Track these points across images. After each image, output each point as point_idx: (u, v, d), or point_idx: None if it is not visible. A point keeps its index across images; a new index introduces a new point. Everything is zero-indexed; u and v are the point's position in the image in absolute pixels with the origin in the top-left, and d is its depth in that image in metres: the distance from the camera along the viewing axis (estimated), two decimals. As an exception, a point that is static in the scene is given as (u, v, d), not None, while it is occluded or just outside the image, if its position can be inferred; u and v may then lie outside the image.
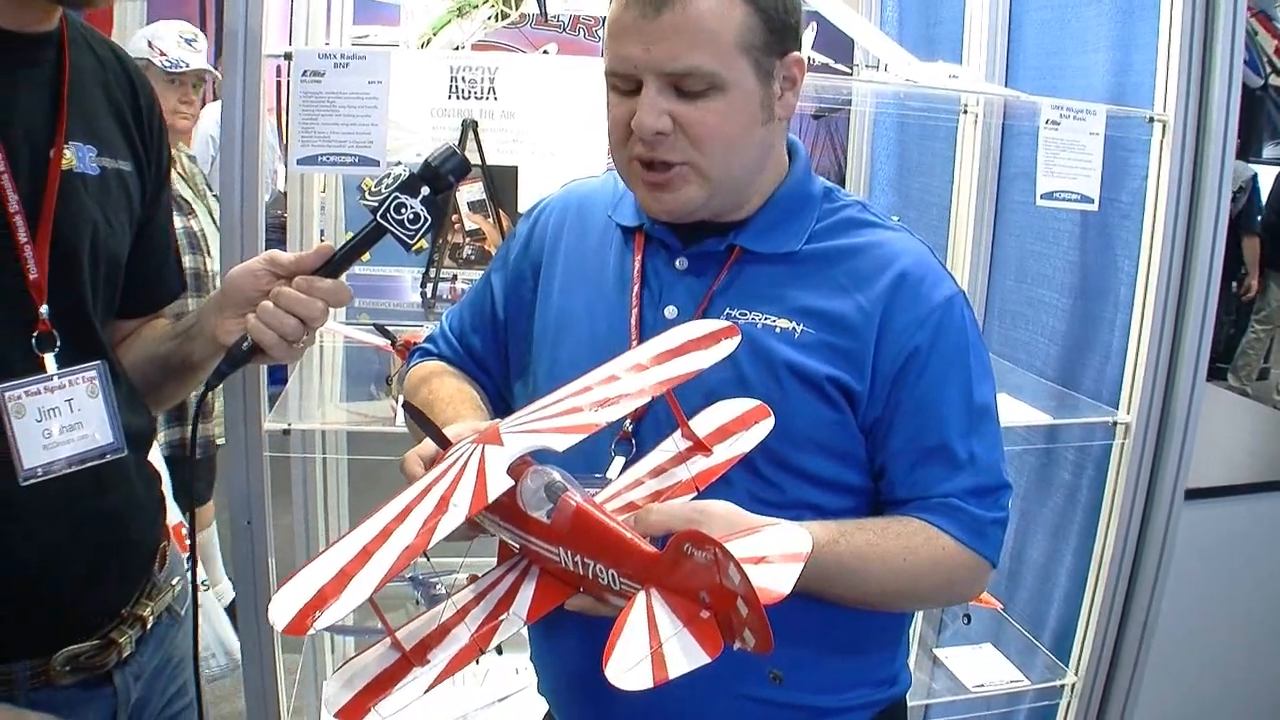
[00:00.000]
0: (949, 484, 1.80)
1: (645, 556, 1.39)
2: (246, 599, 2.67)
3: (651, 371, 1.62)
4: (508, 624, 1.48)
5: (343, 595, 1.27)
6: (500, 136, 2.99)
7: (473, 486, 1.41)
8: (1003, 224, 3.75)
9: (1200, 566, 3.51)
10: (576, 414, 1.55)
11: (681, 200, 1.76)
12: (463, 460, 1.47)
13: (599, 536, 1.43)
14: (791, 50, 1.76)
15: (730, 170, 1.76)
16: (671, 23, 1.64)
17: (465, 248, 3.14)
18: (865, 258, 1.81)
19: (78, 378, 1.79)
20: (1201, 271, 2.98)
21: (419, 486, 1.43)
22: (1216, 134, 2.92)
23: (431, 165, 1.79)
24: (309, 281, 1.82)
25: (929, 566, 1.77)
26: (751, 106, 1.73)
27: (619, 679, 1.27)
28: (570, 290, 1.94)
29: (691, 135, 1.70)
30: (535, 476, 1.49)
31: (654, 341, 1.69)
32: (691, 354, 1.66)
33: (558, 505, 1.46)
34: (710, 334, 1.70)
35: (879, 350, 1.76)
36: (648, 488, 1.65)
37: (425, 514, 1.37)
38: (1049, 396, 3.37)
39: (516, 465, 1.48)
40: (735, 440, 1.68)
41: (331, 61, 2.43)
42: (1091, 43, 3.34)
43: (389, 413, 2.83)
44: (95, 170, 1.83)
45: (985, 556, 1.82)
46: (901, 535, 1.75)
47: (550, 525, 1.46)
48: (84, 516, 1.80)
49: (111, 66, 1.93)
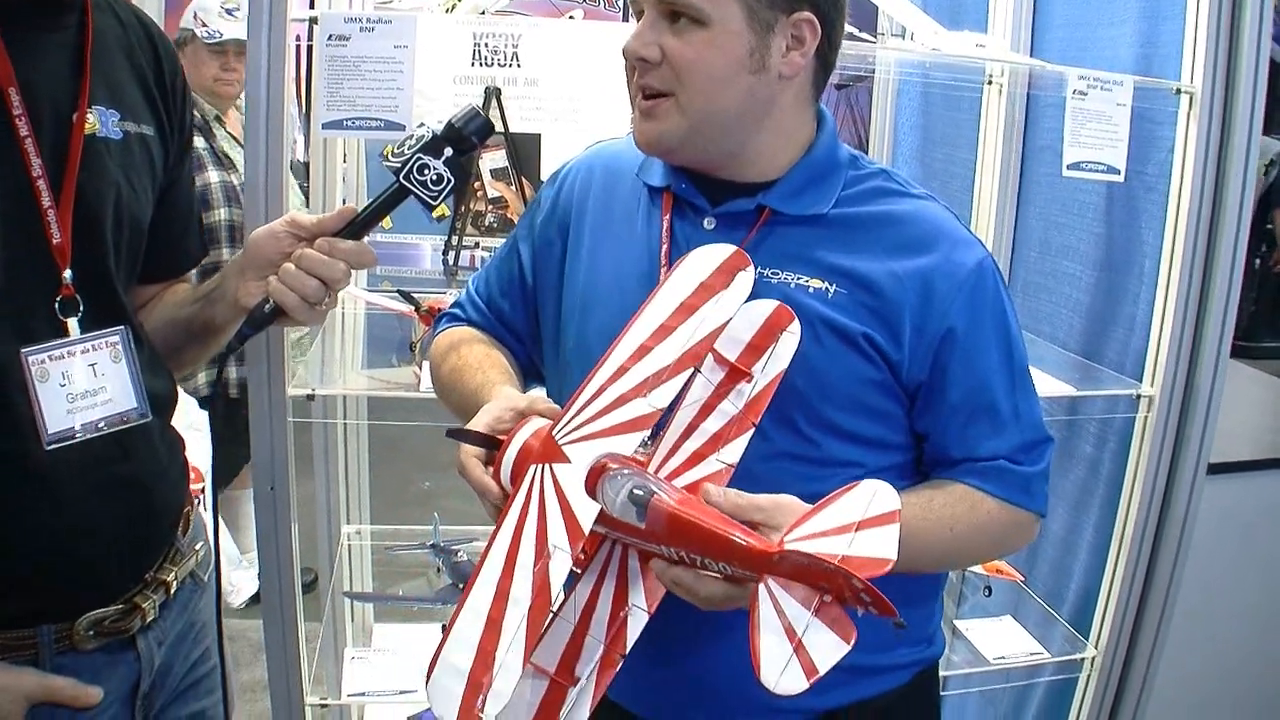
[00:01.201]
0: (998, 442, 1.85)
1: (755, 554, 1.39)
2: (270, 564, 2.67)
3: (681, 332, 1.61)
4: (634, 619, 1.51)
5: (497, 679, 1.33)
6: (523, 104, 2.98)
7: (563, 521, 1.42)
8: (1026, 196, 3.73)
9: (1221, 541, 3.51)
10: (627, 404, 1.55)
11: (659, 130, 1.78)
12: (538, 487, 1.47)
13: (700, 538, 1.43)
14: (802, 9, 1.76)
15: (709, 107, 1.76)
16: None
17: (488, 215, 3.14)
18: (894, 225, 1.82)
19: (101, 342, 1.79)
20: (1227, 245, 2.96)
21: (508, 529, 1.44)
22: (1244, 107, 2.90)
23: (455, 126, 1.79)
24: (331, 243, 1.83)
25: (973, 531, 1.82)
26: (736, 49, 1.73)
27: (777, 686, 1.31)
28: (598, 254, 1.94)
29: (673, 65, 1.72)
30: (613, 484, 1.48)
31: (663, 292, 1.68)
32: (713, 298, 1.65)
33: (648, 512, 1.45)
34: (720, 268, 1.69)
35: (919, 318, 1.77)
36: (704, 432, 1.64)
37: (530, 564, 1.39)
38: (1072, 368, 3.36)
39: (590, 474, 1.48)
40: (769, 357, 1.68)
41: (358, 25, 2.42)
42: (1119, 14, 3.32)
43: (411, 379, 2.83)
44: (118, 135, 1.82)
45: (1034, 510, 1.89)
46: (947, 504, 1.80)
47: (645, 529, 1.46)
48: (107, 481, 1.80)
49: (134, 30, 1.93)
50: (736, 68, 1.74)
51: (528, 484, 1.49)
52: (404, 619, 3.45)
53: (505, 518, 1.46)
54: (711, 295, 1.65)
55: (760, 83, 1.78)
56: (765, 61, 1.76)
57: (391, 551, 3.37)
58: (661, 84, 1.74)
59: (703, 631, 1.76)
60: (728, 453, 1.62)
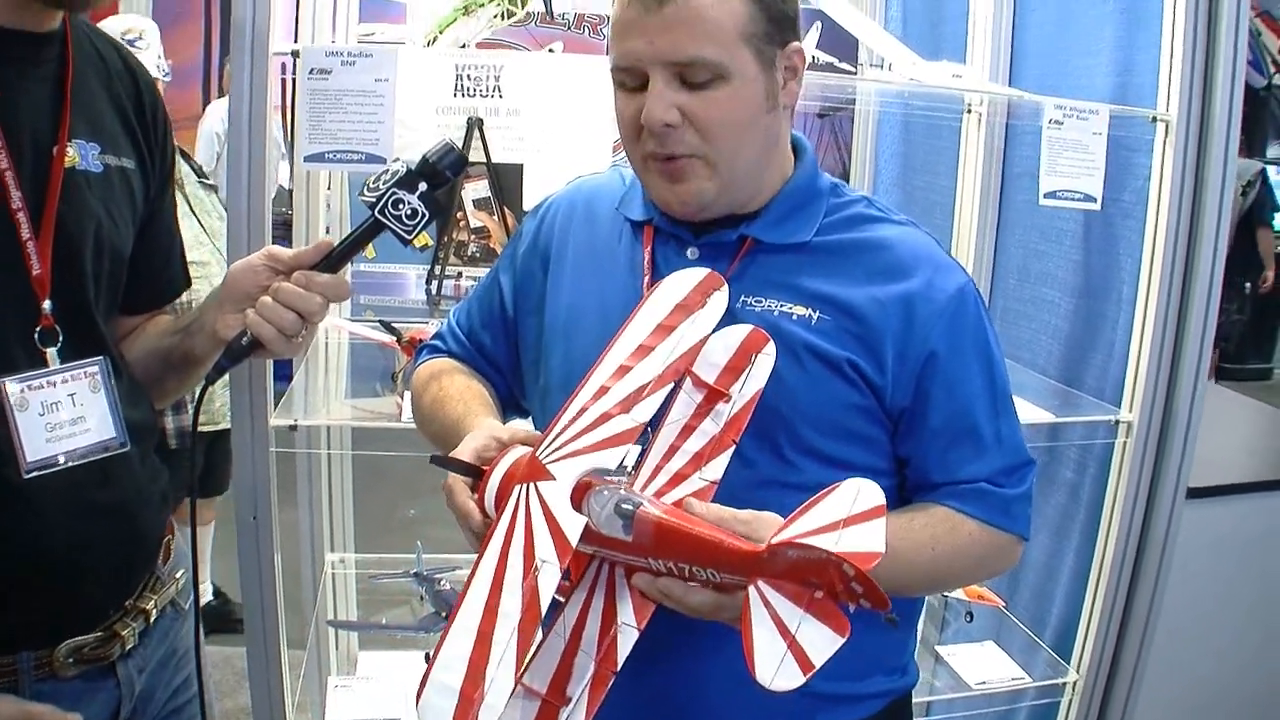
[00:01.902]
0: (979, 465, 1.84)
1: (745, 554, 1.39)
2: (251, 593, 2.68)
3: (660, 351, 1.63)
4: (624, 637, 1.49)
5: (488, 694, 1.31)
6: (506, 134, 2.99)
7: (549, 534, 1.42)
8: (1006, 223, 3.76)
9: (1202, 565, 3.51)
10: (609, 421, 1.55)
11: (694, 191, 1.77)
12: (523, 505, 1.46)
13: (690, 545, 1.43)
14: (791, 40, 1.78)
15: (739, 159, 1.77)
16: (674, 14, 1.66)
17: (470, 245, 3.15)
18: (876, 251, 1.83)
19: (80, 372, 1.80)
20: (1204, 271, 2.99)
21: (495, 546, 1.43)
22: (1219, 134, 2.93)
23: (429, 161, 1.81)
24: (308, 276, 1.84)
25: (954, 553, 1.82)
26: (756, 95, 1.74)
27: (771, 681, 1.29)
28: (580, 284, 1.95)
29: (699, 125, 1.71)
30: (598, 499, 1.48)
31: (641, 314, 1.68)
32: (689, 317, 1.67)
33: (634, 524, 1.45)
34: (695, 288, 1.71)
35: (901, 343, 1.78)
36: (686, 452, 1.64)
37: (519, 579, 1.38)
38: (1052, 395, 3.38)
39: (575, 491, 1.48)
40: (745, 378, 1.68)
41: (339, 59, 2.44)
42: (1095, 43, 3.35)
43: (394, 409, 2.84)
44: (98, 167, 1.84)
45: (1016, 533, 1.88)
46: (928, 525, 1.80)
47: (632, 542, 1.46)
48: (87, 510, 1.81)
49: (115, 65, 1.94)
50: (757, 113, 1.76)
51: (513, 504, 1.48)
52: (388, 646, 3.44)
53: (491, 538, 1.45)
54: (688, 315, 1.67)
55: (772, 120, 1.80)
56: (776, 98, 1.78)
57: (375, 580, 3.37)
58: (688, 147, 1.73)
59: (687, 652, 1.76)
60: (710, 470, 1.62)
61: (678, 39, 1.67)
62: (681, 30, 1.67)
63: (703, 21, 1.67)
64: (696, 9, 1.67)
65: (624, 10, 1.72)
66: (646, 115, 1.70)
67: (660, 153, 1.75)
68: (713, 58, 1.68)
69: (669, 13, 1.67)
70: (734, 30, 1.69)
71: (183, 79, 9.66)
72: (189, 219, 4.51)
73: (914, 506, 1.85)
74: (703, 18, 1.67)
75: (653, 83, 1.70)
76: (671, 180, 1.77)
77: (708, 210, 1.81)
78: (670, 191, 1.79)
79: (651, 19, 1.68)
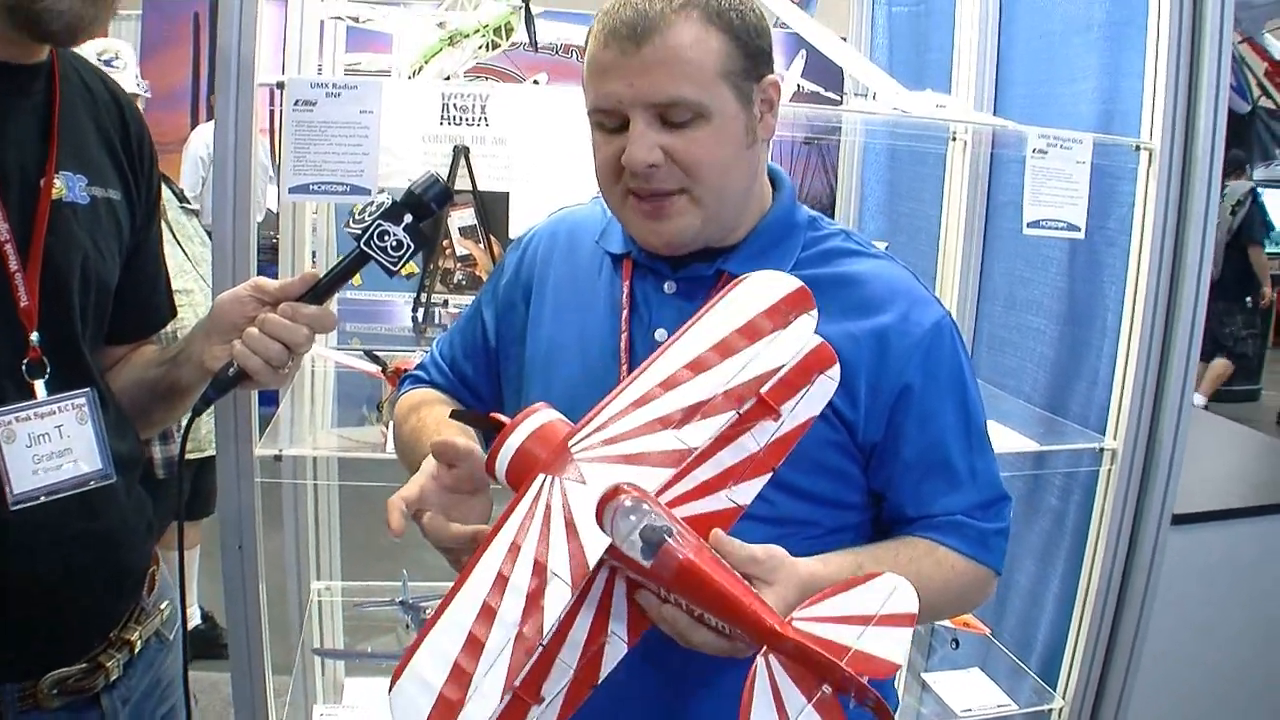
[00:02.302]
0: (953, 500, 1.84)
1: (766, 630, 1.34)
2: (236, 621, 2.67)
3: (727, 366, 1.48)
4: (612, 647, 1.42)
5: (470, 703, 1.26)
6: (492, 163, 3.01)
7: (566, 548, 1.34)
8: (991, 250, 3.77)
9: (1187, 591, 3.52)
10: (656, 435, 1.45)
11: (677, 228, 1.77)
12: (544, 502, 1.40)
13: (710, 595, 1.37)
14: (766, 73, 1.79)
15: (724, 195, 1.77)
16: (653, 56, 1.66)
17: (456, 273, 3.16)
18: (852, 286, 1.83)
19: (67, 404, 1.80)
20: (1188, 298, 3.00)
21: (505, 539, 1.37)
22: (1203, 163, 2.94)
23: (414, 193, 1.82)
24: (294, 308, 1.85)
25: (941, 585, 1.80)
26: (737, 131, 1.75)
27: None
28: (561, 318, 1.95)
29: (683, 165, 1.71)
30: (624, 519, 1.38)
31: (717, 311, 1.52)
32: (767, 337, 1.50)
33: (659, 556, 1.36)
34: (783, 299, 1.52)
35: (874, 378, 1.78)
36: (719, 463, 1.50)
37: (524, 586, 1.32)
38: (1037, 423, 3.39)
39: (602, 497, 1.40)
40: (800, 399, 1.53)
41: (324, 91, 2.44)
42: (1080, 71, 3.37)
43: (379, 438, 2.84)
44: (85, 199, 1.84)
45: (991, 566, 1.87)
46: (914, 559, 1.78)
47: (651, 569, 1.38)
48: (73, 541, 1.81)
49: (102, 97, 1.95)
50: (739, 148, 1.76)
51: (534, 494, 1.41)
52: (375, 673, 3.43)
53: (503, 527, 1.38)
54: (768, 330, 1.50)
55: (752, 154, 1.80)
56: (754, 133, 1.79)
57: (360, 608, 3.37)
58: (670, 183, 1.73)
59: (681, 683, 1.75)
60: (740, 492, 1.51)
61: (657, 80, 1.67)
62: (661, 71, 1.67)
63: (682, 62, 1.67)
64: (675, 49, 1.67)
65: (601, 51, 1.71)
66: (629, 158, 1.70)
67: (644, 190, 1.74)
68: (693, 97, 1.68)
69: (647, 54, 1.66)
70: (712, 69, 1.69)
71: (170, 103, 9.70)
72: (172, 246, 4.50)
73: (896, 540, 1.83)
74: (681, 58, 1.67)
75: (634, 124, 1.70)
76: (654, 219, 1.77)
77: (688, 245, 1.81)
78: (652, 231, 1.78)
79: (630, 60, 1.68)
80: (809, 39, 3.23)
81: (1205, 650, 3.72)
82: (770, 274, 1.56)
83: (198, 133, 8.19)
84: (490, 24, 2.96)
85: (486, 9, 2.99)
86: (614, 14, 1.70)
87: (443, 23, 3.00)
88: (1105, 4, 3.26)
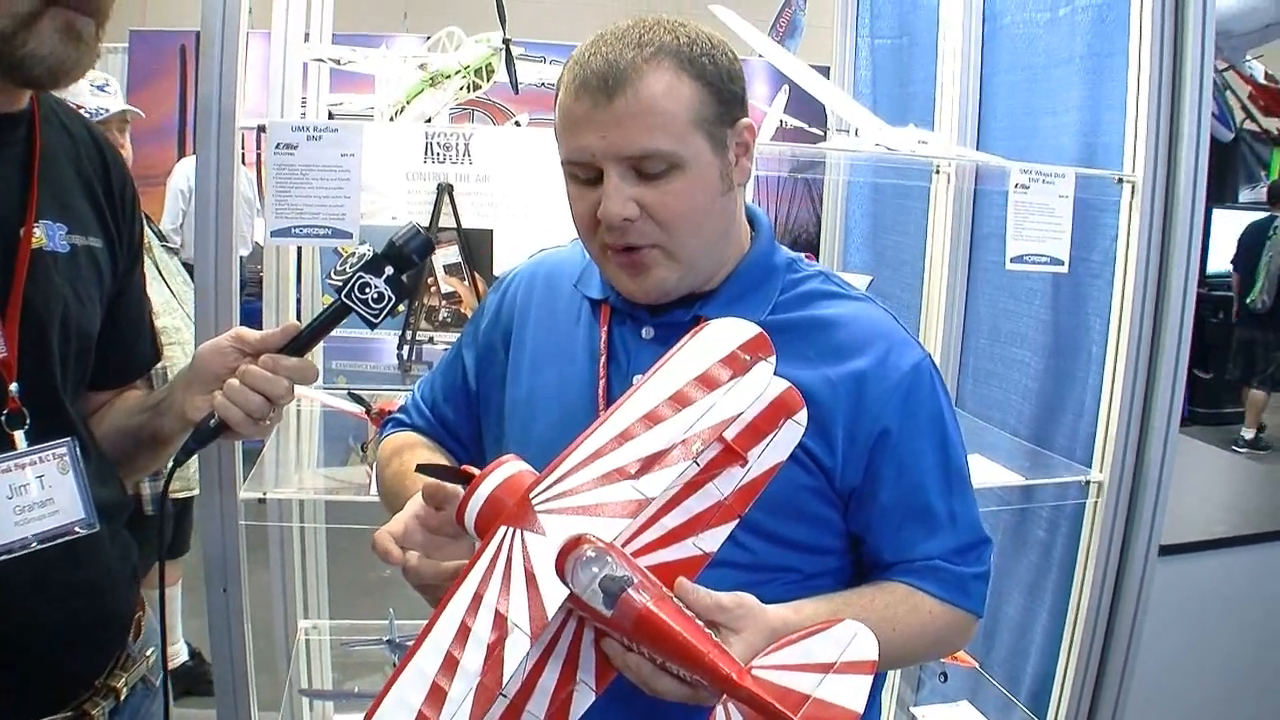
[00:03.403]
0: (932, 545, 1.82)
1: (723, 678, 1.35)
2: (222, 663, 2.67)
3: (685, 416, 1.48)
4: (580, 695, 1.43)
5: None
6: (476, 200, 3.00)
7: (526, 599, 1.35)
8: (976, 283, 3.78)
9: (1175, 622, 3.52)
10: (614, 485, 1.45)
11: (656, 281, 1.77)
12: (505, 553, 1.40)
13: (670, 644, 1.37)
14: (740, 117, 1.78)
15: (699, 246, 1.77)
16: (625, 108, 1.66)
17: (441, 310, 3.16)
18: (830, 330, 1.83)
19: (48, 454, 1.79)
20: (1172, 330, 3.00)
21: (468, 590, 1.38)
22: (1185, 195, 2.95)
23: (395, 245, 1.81)
24: (275, 360, 1.84)
25: (917, 630, 1.79)
26: (712, 179, 1.74)
27: None
28: (540, 364, 1.95)
29: (658, 218, 1.71)
30: (584, 568, 1.38)
31: (674, 362, 1.53)
32: (727, 384, 1.50)
33: (618, 606, 1.38)
34: (740, 347, 1.53)
35: (851, 423, 1.77)
36: (686, 510, 1.51)
37: (485, 639, 1.33)
38: (1023, 456, 3.39)
39: (563, 548, 1.40)
40: (767, 445, 1.55)
41: (305, 134, 2.45)
42: (1062, 103, 3.38)
43: (365, 478, 2.83)
44: (65, 248, 1.83)
45: (970, 610, 1.86)
46: (889, 605, 1.77)
47: (612, 618, 1.39)
48: (57, 589, 1.80)
49: (84, 143, 1.94)
50: (714, 196, 1.75)
51: (495, 546, 1.42)
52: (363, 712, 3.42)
53: (467, 577, 1.39)
54: (724, 383, 1.51)
55: (728, 200, 1.80)
56: (730, 179, 1.78)
57: (348, 647, 3.36)
58: (647, 238, 1.72)
59: None
60: (706, 540, 1.52)
61: (630, 133, 1.66)
62: (633, 123, 1.66)
63: (654, 113, 1.66)
64: (648, 101, 1.66)
65: (573, 103, 1.71)
66: (604, 212, 1.69)
67: (619, 244, 1.74)
68: (666, 148, 1.67)
69: (619, 106, 1.66)
70: (686, 118, 1.68)
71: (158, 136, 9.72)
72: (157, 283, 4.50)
73: (873, 585, 1.82)
74: (654, 109, 1.66)
75: (607, 177, 1.69)
76: (633, 273, 1.77)
77: (669, 296, 1.81)
78: (633, 284, 1.78)
79: (602, 113, 1.67)
80: (791, 76, 3.24)
81: (1194, 680, 3.73)
82: (728, 321, 1.57)
83: (180, 166, 8.21)
84: (471, 65, 2.98)
85: (467, 50, 3.01)
86: (584, 64, 1.70)
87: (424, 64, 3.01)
88: (1087, 36, 3.27)
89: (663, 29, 1.72)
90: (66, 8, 1.67)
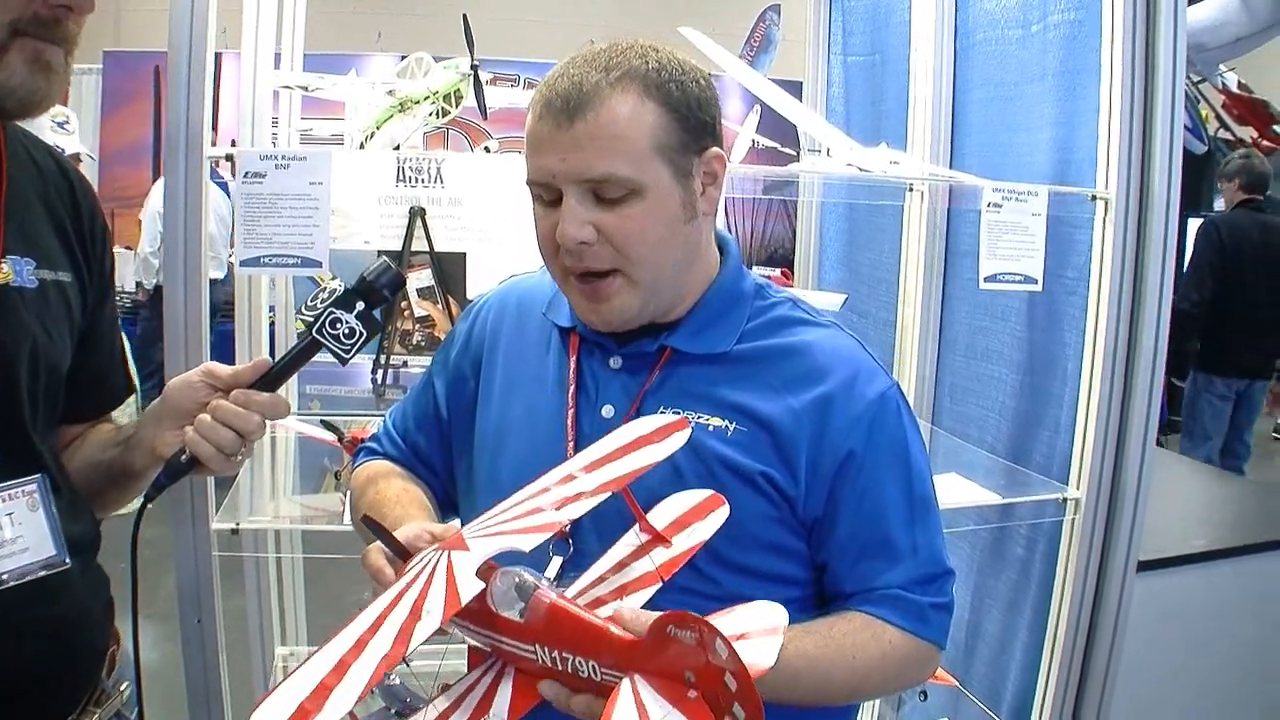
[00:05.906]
0: (893, 575, 1.82)
1: (625, 644, 1.37)
2: (197, 694, 2.65)
3: (606, 468, 1.61)
4: None
5: (324, 710, 1.25)
6: (449, 223, 3.00)
7: (444, 592, 1.39)
8: (952, 300, 3.78)
9: (1155, 637, 3.52)
10: (538, 514, 1.53)
11: (616, 309, 1.77)
12: (430, 567, 1.45)
13: (575, 630, 1.42)
14: (710, 146, 1.78)
15: (659, 273, 1.77)
16: (585, 131, 1.66)
17: (415, 334, 3.15)
18: (796, 358, 1.83)
19: (17, 491, 1.78)
20: (1147, 346, 3.00)
21: (389, 596, 1.41)
22: (1159, 210, 2.95)
23: (366, 280, 1.81)
24: (246, 395, 1.83)
25: (877, 661, 1.78)
26: (671, 207, 1.74)
27: None
28: (510, 394, 1.95)
29: (615, 243, 1.71)
30: (504, 577, 1.47)
31: (606, 439, 1.67)
32: (644, 449, 1.64)
33: (530, 603, 1.44)
34: (661, 428, 1.69)
35: (815, 451, 1.78)
36: (611, 583, 1.63)
37: (399, 623, 1.35)
38: (1000, 473, 3.39)
39: (483, 569, 1.46)
40: (693, 530, 1.67)
41: (273, 162, 2.43)
42: (1035, 120, 3.38)
43: (339, 505, 2.82)
44: (34, 283, 1.82)
45: (932, 641, 1.85)
46: (848, 634, 1.76)
47: (524, 624, 1.44)
48: (29, 626, 1.79)
49: (52, 175, 1.93)
50: (674, 224, 1.75)
51: (420, 563, 1.47)
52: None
53: (391, 587, 1.44)
54: (644, 445, 1.65)
55: (691, 229, 1.80)
56: (694, 207, 1.78)
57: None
58: (603, 263, 1.73)
59: None
60: (630, 602, 1.60)
61: (589, 156, 1.67)
62: (593, 147, 1.67)
63: (615, 138, 1.67)
64: (608, 124, 1.67)
65: (536, 124, 1.72)
66: (560, 234, 1.71)
67: (578, 268, 1.75)
68: (625, 174, 1.68)
69: (580, 129, 1.67)
70: (646, 145, 1.69)
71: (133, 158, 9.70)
72: None
73: (833, 615, 1.82)
74: (614, 134, 1.67)
75: (566, 200, 1.70)
76: (592, 299, 1.77)
77: (630, 324, 1.81)
78: (593, 311, 1.79)
79: (563, 135, 1.68)
80: (762, 97, 3.24)
81: (1173, 695, 3.72)
82: (651, 418, 1.73)
83: (156, 189, 8.18)
84: (440, 90, 2.97)
85: (436, 76, 3.01)
86: (551, 85, 1.71)
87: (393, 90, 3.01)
88: (1059, 53, 3.27)
89: (634, 53, 1.73)
90: (34, 38, 1.66)
